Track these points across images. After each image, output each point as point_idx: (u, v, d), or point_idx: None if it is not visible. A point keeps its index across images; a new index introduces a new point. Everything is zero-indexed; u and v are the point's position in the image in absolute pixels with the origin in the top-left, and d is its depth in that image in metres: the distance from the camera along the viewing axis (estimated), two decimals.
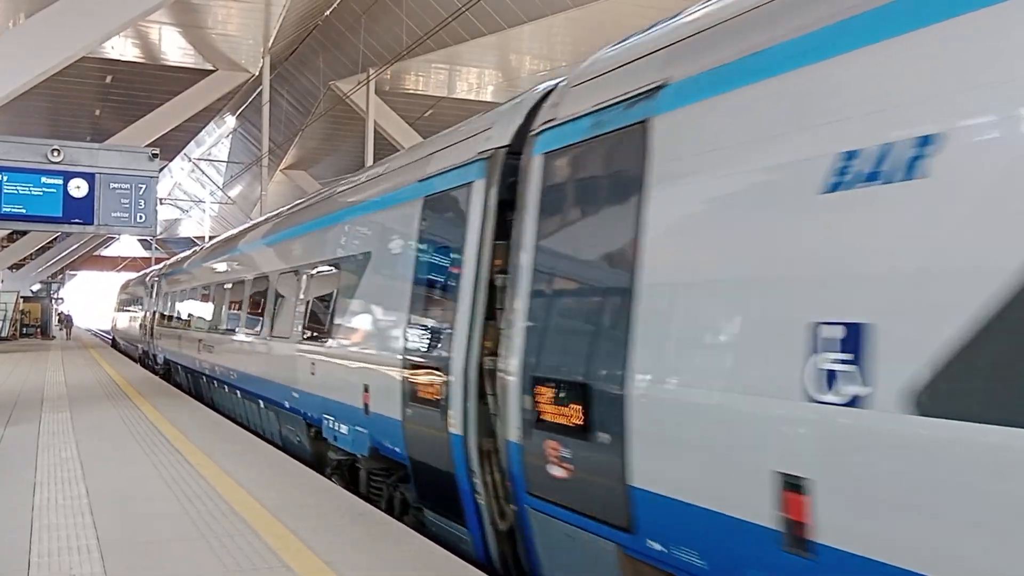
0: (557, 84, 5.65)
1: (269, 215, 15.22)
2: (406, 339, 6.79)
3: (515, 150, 5.64)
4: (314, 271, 9.91)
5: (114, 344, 42.64)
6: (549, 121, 5.14)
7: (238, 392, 13.56)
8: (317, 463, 9.43)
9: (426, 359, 6.35)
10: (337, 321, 8.69)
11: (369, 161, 29.10)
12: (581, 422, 4.36)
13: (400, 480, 7.34)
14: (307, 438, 9.79)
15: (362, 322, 8.19)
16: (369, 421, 7.48)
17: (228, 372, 14.09)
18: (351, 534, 6.08)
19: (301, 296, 10.19)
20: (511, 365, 5.09)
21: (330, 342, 8.78)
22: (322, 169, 42.55)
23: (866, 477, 2.91)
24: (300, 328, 10.01)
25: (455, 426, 5.74)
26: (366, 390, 7.51)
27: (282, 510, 6.75)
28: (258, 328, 12.13)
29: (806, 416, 3.11)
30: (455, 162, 6.46)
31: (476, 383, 5.57)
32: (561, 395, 4.56)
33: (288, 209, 13.44)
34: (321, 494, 7.42)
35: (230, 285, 14.86)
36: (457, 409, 5.72)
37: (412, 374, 6.54)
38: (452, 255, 6.23)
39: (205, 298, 17.25)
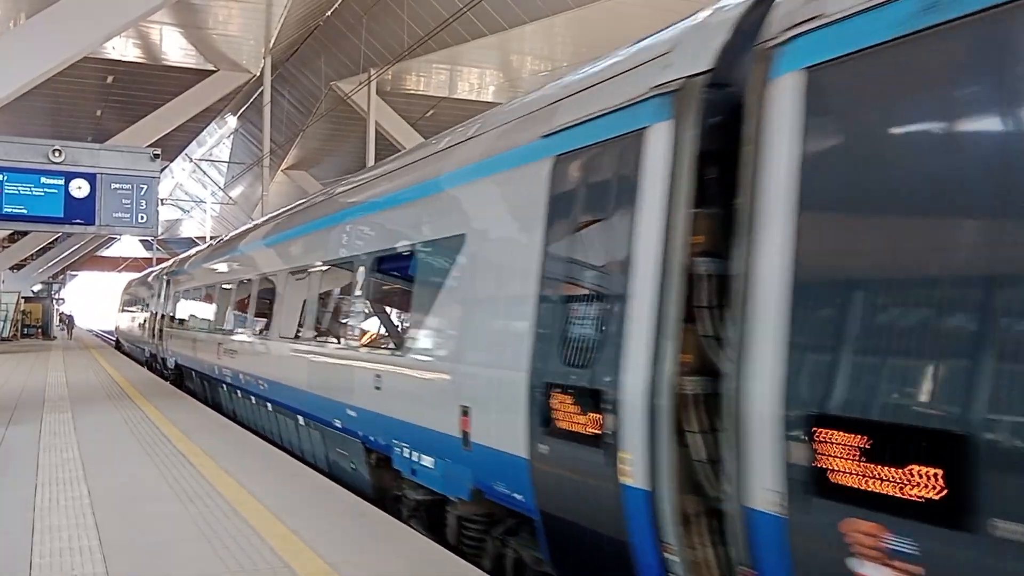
0: None
1: (302, 202, 13.06)
2: (537, 347, 4.97)
3: (718, 79, 4.05)
4: (377, 262, 8.04)
5: (118, 346, 40.56)
6: (808, 21, 3.46)
7: (268, 405, 11.77)
8: (379, 497, 7.83)
9: (576, 376, 4.60)
10: (414, 322, 6.89)
11: (371, 162, 29.09)
12: (944, 495, 2.69)
13: (509, 533, 5.81)
14: (366, 466, 8.03)
15: (454, 323, 6.20)
16: (470, 455, 5.76)
17: (256, 381, 12.17)
18: (353, 534, 6.07)
19: (357, 292, 8.32)
20: (757, 392, 3.43)
21: (405, 348, 6.94)
22: (323, 170, 42.53)
23: None
24: (357, 331, 8.27)
25: (634, 475, 4.10)
26: (465, 413, 5.80)
27: (284, 510, 6.74)
28: (296, 330, 10.32)
29: None
30: (610, 104, 4.68)
31: (672, 414, 3.92)
32: (895, 447, 2.86)
33: (332, 190, 11.23)
34: (323, 494, 7.41)
35: (257, 281, 13.02)
36: (639, 451, 4.07)
37: (550, 396, 4.80)
38: (610, 231, 4.51)
39: (225, 296, 15.33)
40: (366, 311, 8.28)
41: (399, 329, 7.54)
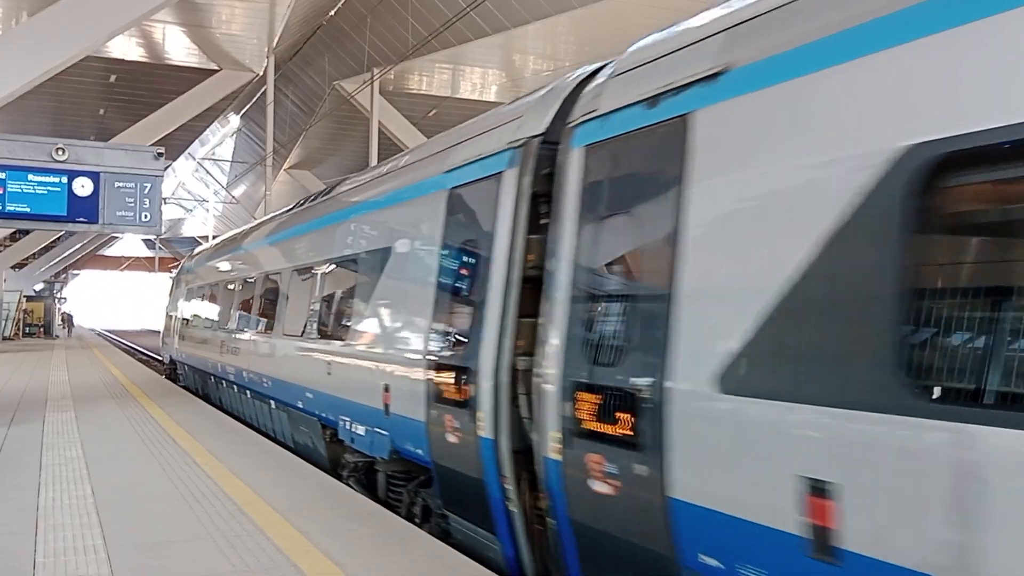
0: None
1: None
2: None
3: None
4: None
5: (173, 375, 21.88)
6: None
7: None
8: None
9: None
10: None
11: (373, 162, 29.05)
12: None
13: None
14: None
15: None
16: None
17: None
18: (361, 535, 6.03)
19: None
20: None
21: None
22: (326, 169, 42.52)
23: None
24: None
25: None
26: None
27: (291, 511, 6.71)
28: None
29: None
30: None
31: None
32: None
33: None
34: (330, 495, 7.37)
35: None
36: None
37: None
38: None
39: None
40: None
41: None
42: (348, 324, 8.71)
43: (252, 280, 13.80)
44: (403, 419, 6.95)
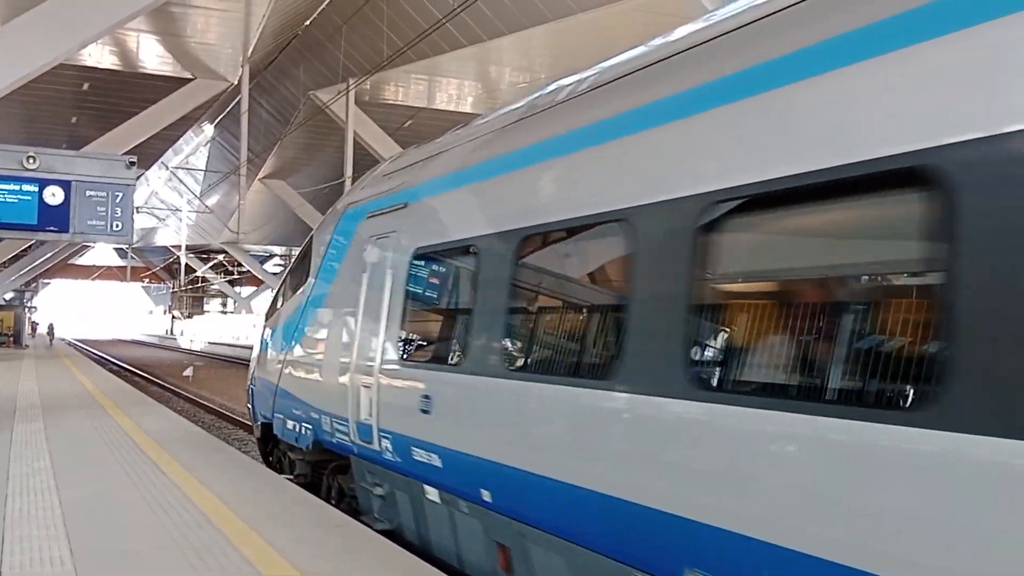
0: None
1: None
2: None
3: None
4: None
5: (304, 474, 9.24)
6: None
7: None
8: None
9: None
10: None
11: (349, 172, 29.07)
12: None
13: None
14: None
15: None
16: None
17: None
18: (329, 545, 6.04)
19: None
20: None
21: None
22: (301, 179, 42.43)
23: None
24: None
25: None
26: None
27: (259, 521, 6.70)
28: None
29: None
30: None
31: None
32: None
33: None
34: (298, 505, 7.37)
35: None
36: None
37: None
38: None
39: None
40: None
41: None
42: None
43: None
44: None
